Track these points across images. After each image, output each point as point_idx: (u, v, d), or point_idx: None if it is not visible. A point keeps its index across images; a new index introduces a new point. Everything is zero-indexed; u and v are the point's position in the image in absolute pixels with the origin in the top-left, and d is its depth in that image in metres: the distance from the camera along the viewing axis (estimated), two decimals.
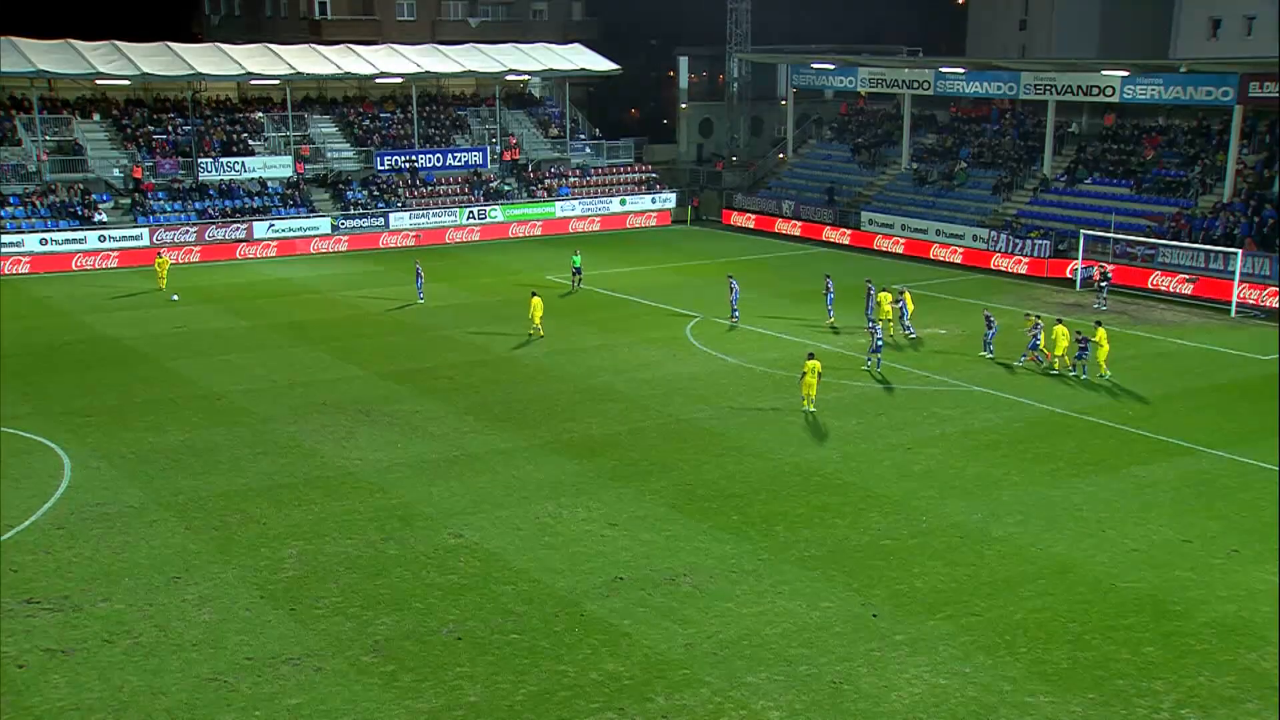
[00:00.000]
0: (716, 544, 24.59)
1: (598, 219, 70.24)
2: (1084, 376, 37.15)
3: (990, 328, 39.46)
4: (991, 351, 39.46)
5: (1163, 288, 50.73)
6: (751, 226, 70.58)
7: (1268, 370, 38.38)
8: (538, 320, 42.14)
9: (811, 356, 33.28)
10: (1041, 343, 38.23)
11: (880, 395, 35.54)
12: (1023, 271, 55.62)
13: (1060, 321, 38.89)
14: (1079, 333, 37.90)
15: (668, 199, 73.25)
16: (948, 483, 28.14)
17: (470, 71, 71.37)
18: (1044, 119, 63.74)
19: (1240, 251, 47.92)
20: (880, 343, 37.47)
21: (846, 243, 64.77)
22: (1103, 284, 48.37)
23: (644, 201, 72.54)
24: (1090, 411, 33.58)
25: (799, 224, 68.20)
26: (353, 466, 29.21)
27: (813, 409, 32.99)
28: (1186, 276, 50.47)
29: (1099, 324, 38.42)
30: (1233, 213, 53.20)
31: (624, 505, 26.73)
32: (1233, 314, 46.59)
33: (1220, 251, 49.63)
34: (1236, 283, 47.18)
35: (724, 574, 23.15)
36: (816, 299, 46.29)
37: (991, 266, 56.79)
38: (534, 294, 43.05)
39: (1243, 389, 36.21)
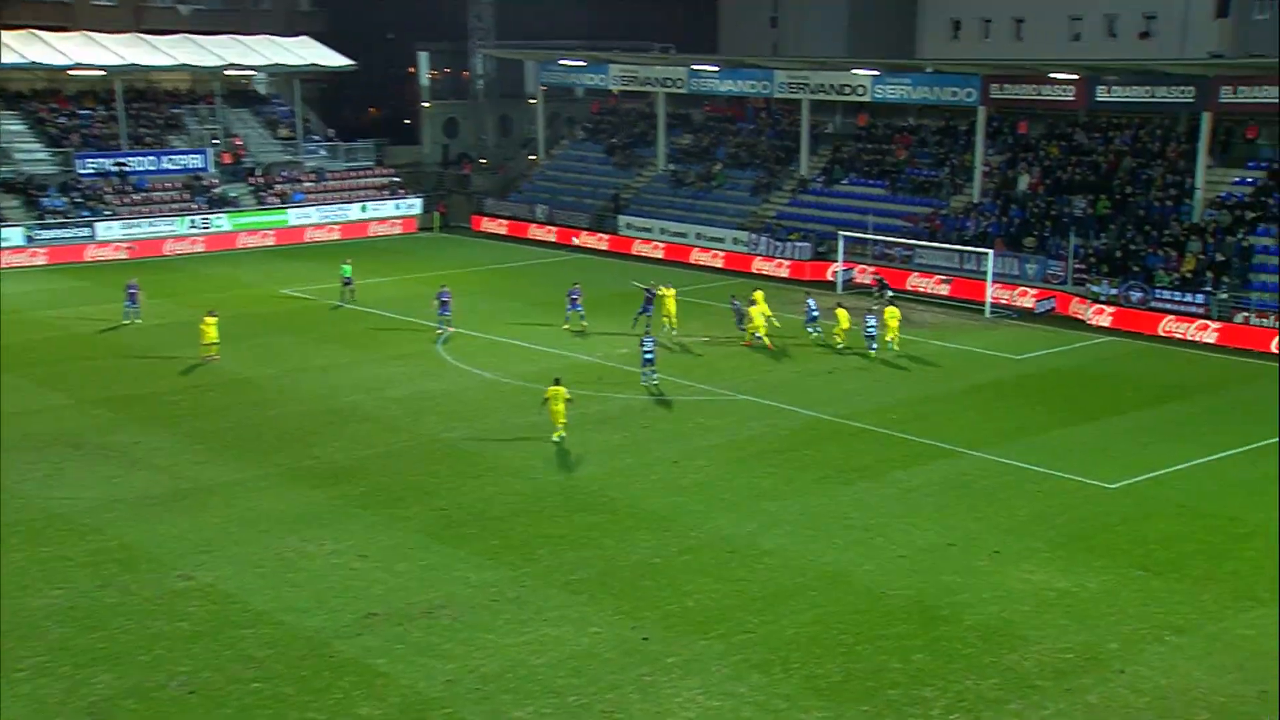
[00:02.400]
0: (476, 571, 24.47)
1: (337, 227, 68.77)
2: (873, 350, 41.53)
3: (811, 315, 43.64)
4: (815, 332, 44.04)
5: (921, 289, 53.57)
6: (504, 233, 70.56)
7: (1022, 370, 41.15)
8: (209, 340, 40.24)
9: (558, 382, 32.74)
10: (750, 323, 43.04)
11: (645, 406, 36.17)
12: (785, 275, 57.69)
13: (840, 305, 43.54)
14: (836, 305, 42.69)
15: (413, 205, 72.45)
16: (716, 495, 28.89)
17: (184, 65, 68.72)
18: (799, 118, 66.38)
19: (991, 252, 51.14)
20: (649, 355, 37.81)
21: (604, 248, 65.62)
22: (879, 291, 50.48)
23: (387, 208, 71.52)
24: (854, 417, 35.15)
25: (554, 229, 68.66)
26: (60, 507, 27.61)
27: (560, 436, 32.37)
28: (943, 277, 53.49)
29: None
30: (983, 213, 56.79)
31: (375, 535, 26.29)
32: (987, 314, 49.68)
33: (973, 252, 52.87)
34: (989, 283, 50.33)
35: (485, 603, 23.07)
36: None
37: (753, 270, 58.64)
38: (210, 314, 41.17)
39: (998, 389, 38.68)
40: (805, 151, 66.03)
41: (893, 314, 42.62)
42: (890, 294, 50.81)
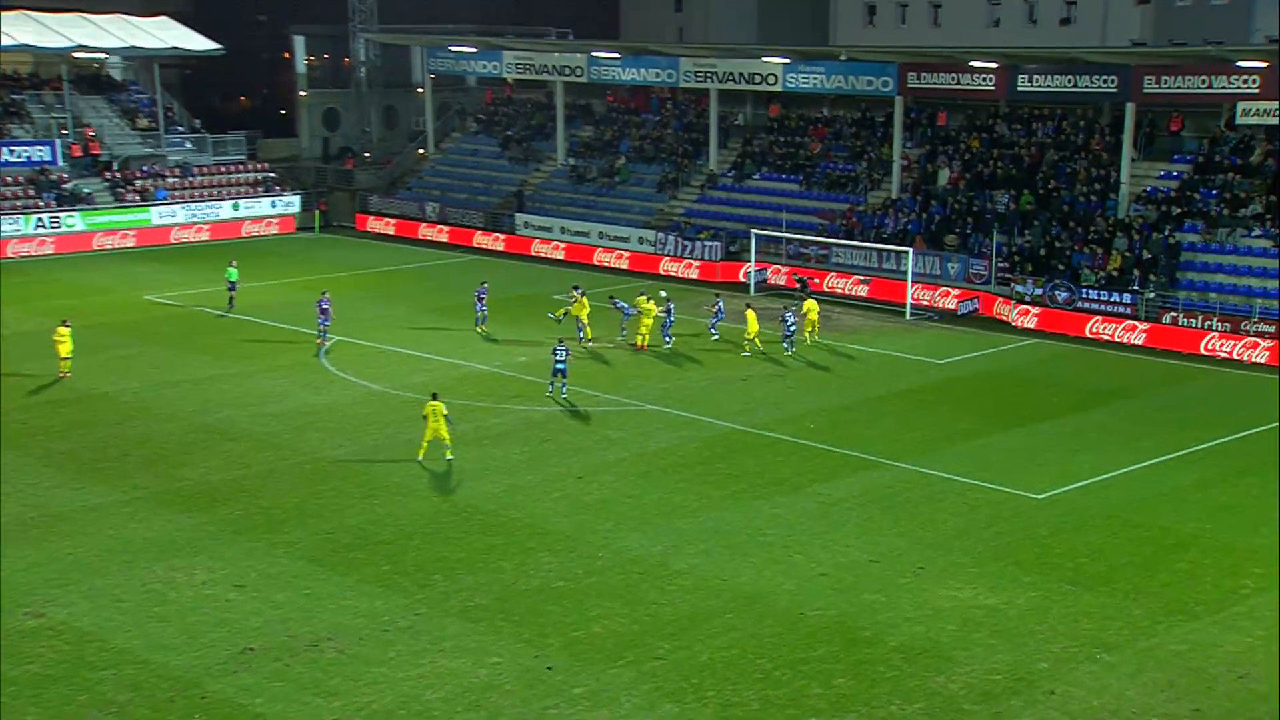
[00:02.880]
0: (365, 600, 24.24)
1: (206, 227, 67.72)
2: (790, 351, 42.89)
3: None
4: (715, 334, 45.20)
5: (838, 290, 54.17)
6: (391, 233, 70.07)
7: (946, 375, 41.82)
8: (64, 353, 39.17)
9: (435, 397, 32.34)
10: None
11: (546, 419, 36.09)
12: (694, 276, 57.96)
13: (749, 306, 44.66)
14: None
15: (290, 202, 71.63)
16: (624, 513, 28.92)
17: (24, 45, 67.11)
18: (707, 109, 66.75)
19: (911, 250, 51.90)
20: (561, 366, 37.57)
21: (501, 249, 65.41)
22: (803, 293, 50.83)
23: (262, 206, 70.61)
24: (770, 427, 35.43)
25: (446, 229, 68.31)
26: None
27: (450, 456, 32.12)
28: (861, 278, 54.15)
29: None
30: (901, 209, 57.62)
31: (252, 562, 25.93)
32: (908, 316, 50.40)
33: (892, 251, 53.60)
34: (910, 284, 51.07)
35: (375, 634, 22.85)
36: (467, 313, 46.54)
37: (661, 271, 58.83)
38: (64, 323, 39.93)
39: (920, 396, 39.26)
40: (714, 145, 66.47)
41: (812, 306, 45.00)
42: (803, 288, 51.53)
